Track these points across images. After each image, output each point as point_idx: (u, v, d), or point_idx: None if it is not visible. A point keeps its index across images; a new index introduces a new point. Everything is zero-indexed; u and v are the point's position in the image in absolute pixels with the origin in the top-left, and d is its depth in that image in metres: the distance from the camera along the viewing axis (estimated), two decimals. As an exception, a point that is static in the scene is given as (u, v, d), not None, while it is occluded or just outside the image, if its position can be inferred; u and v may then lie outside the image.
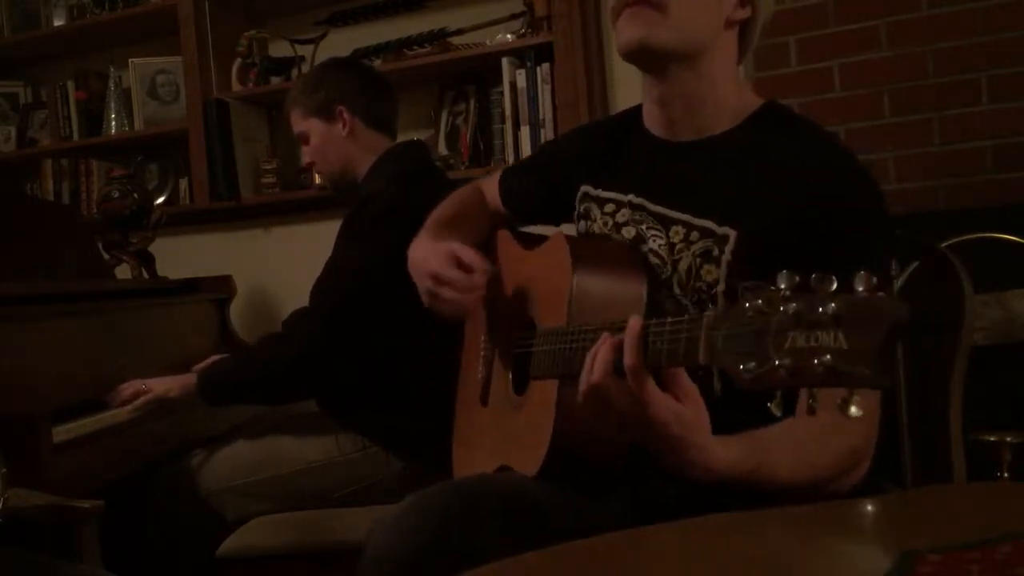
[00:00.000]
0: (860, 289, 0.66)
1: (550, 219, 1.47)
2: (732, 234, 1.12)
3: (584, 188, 1.32)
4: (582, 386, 0.95)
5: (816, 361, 0.67)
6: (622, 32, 1.17)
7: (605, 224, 1.26)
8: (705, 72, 1.18)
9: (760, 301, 0.72)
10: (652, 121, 1.27)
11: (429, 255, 1.32)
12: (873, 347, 0.64)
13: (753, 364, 0.71)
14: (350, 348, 1.82)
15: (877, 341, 0.64)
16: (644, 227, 1.21)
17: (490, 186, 1.52)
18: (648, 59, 1.19)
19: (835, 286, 0.67)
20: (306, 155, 2.08)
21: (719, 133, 1.20)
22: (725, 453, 0.94)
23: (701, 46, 1.17)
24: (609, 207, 1.27)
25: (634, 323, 0.89)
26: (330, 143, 2.03)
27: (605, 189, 1.29)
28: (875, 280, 0.66)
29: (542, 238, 1.33)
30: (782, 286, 0.70)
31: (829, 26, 2.41)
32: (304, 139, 2.06)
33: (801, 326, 0.68)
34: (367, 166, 2.01)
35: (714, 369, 1.11)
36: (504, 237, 1.44)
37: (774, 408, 0.74)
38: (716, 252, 1.12)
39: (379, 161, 2.00)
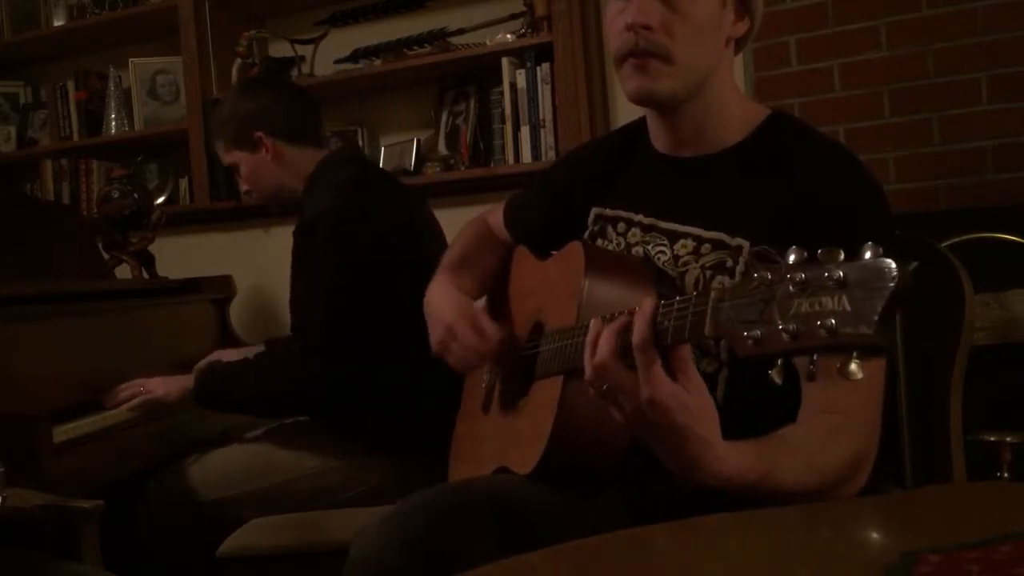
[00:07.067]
0: (867, 256, 0.66)
1: (559, 244, 1.45)
2: (745, 244, 1.12)
3: (596, 210, 1.32)
4: (586, 370, 0.91)
5: (819, 323, 0.66)
6: (628, 81, 1.17)
7: (618, 245, 1.26)
8: (711, 97, 1.19)
9: (768, 274, 0.72)
10: (658, 140, 1.27)
11: (448, 306, 1.33)
12: (876, 307, 0.64)
13: (758, 332, 0.71)
14: (347, 367, 1.80)
15: (881, 301, 0.64)
16: (651, 246, 1.21)
17: (495, 217, 1.52)
18: (656, 105, 1.20)
19: (842, 256, 0.67)
20: (242, 184, 2.08)
21: (726, 147, 1.21)
22: (736, 457, 0.90)
23: (706, 78, 1.18)
24: (621, 226, 1.27)
25: (649, 301, 0.87)
26: (259, 170, 2.01)
27: (613, 208, 1.29)
28: (881, 250, 0.66)
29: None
30: (791, 260, 0.70)
31: (829, 26, 2.40)
32: (236, 171, 2.06)
33: (807, 293, 0.68)
34: (302, 181, 1.98)
35: (718, 377, 1.11)
36: (521, 252, 1.45)
37: (775, 376, 0.72)
38: (730, 263, 1.13)
39: (315, 174, 1.96)
